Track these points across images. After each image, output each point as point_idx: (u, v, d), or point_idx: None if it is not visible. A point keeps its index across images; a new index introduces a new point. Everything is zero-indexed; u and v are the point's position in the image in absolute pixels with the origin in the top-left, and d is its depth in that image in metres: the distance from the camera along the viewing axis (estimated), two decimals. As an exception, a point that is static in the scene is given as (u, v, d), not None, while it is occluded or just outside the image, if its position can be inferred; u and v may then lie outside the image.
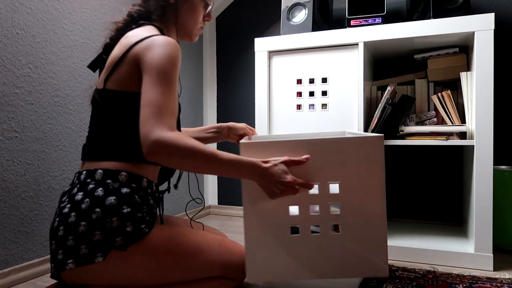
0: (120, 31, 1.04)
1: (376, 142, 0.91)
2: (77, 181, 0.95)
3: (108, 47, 1.05)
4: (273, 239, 0.95)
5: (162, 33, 1.02)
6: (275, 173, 0.88)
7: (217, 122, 2.35)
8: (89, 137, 1.00)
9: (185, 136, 0.85)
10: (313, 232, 0.96)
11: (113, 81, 0.96)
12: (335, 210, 0.95)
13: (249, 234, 0.96)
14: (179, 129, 1.10)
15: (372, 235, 0.94)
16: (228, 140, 1.37)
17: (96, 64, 1.09)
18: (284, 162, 0.90)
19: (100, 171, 0.93)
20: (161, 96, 0.87)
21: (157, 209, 1.08)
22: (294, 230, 0.96)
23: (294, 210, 0.95)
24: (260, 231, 0.95)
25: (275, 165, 0.89)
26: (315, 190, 0.94)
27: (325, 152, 0.92)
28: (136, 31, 0.98)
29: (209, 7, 1.12)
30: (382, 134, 0.91)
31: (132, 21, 1.05)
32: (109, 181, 0.92)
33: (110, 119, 0.96)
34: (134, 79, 0.94)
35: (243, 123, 1.38)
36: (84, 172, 0.95)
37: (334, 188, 0.93)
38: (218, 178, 2.37)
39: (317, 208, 0.95)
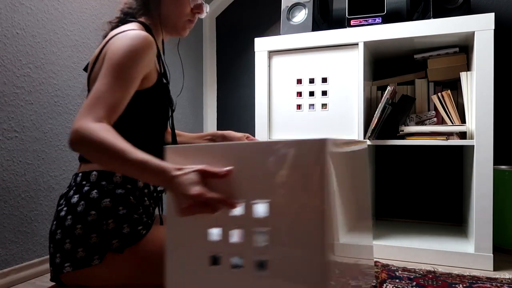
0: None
1: (318, 148, 0.62)
2: (73, 183, 0.95)
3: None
4: (191, 267, 0.73)
5: (147, 29, 0.99)
6: (181, 183, 0.68)
7: (217, 122, 2.35)
8: None
9: (106, 129, 0.76)
10: (235, 266, 0.70)
11: (92, 80, 0.95)
12: (263, 239, 0.68)
13: (169, 256, 0.76)
14: (173, 129, 1.08)
15: (310, 277, 0.63)
16: None
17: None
18: (198, 171, 0.69)
19: (94, 172, 0.93)
20: (104, 87, 0.82)
21: (157, 209, 1.08)
22: (215, 260, 0.73)
23: (216, 233, 0.72)
24: (179, 255, 0.74)
25: (186, 173, 0.69)
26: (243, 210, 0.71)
27: (254, 161, 0.68)
28: (118, 29, 0.96)
29: None
30: (327, 138, 0.63)
31: (121, 21, 1.03)
32: (103, 182, 0.92)
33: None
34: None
35: (242, 133, 1.25)
36: (80, 174, 0.95)
37: (262, 209, 0.68)
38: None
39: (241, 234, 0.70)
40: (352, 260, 0.75)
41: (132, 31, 0.89)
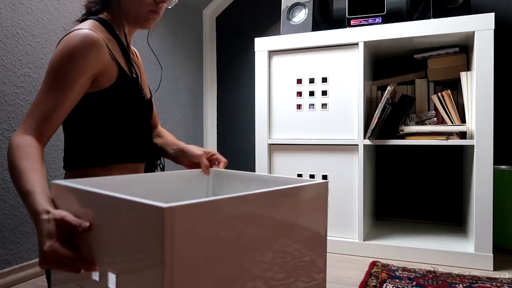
0: None
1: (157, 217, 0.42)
2: None
3: None
4: None
5: (106, 25, 0.94)
6: (40, 233, 0.60)
7: (217, 122, 2.36)
8: (65, 149, 0.97)
9: (25, 145, 0.74)
10: None
11: None
12: None
13: None
14: (147, 127, 1.02)
15: None
16: (183, 165, 1.03)
17: None
18: (57, 220, 0.58)
19: None
20: (40, 95, 0.81)
21: None
22: None
23: None
24: None
25: (48, 220, 0.59)
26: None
27: (109, 217, 0.50)
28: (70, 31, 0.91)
29: None
30: (173, 206, 0.42)
31: (86, 15, 0.97)
32: None
33: (68, 126, 0.93)
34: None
35: (207, 150, 0.99)
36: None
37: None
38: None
39: None
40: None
41: (74, 32, 0.85)
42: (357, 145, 1.53)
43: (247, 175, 0.81)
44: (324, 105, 1.59)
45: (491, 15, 1.33)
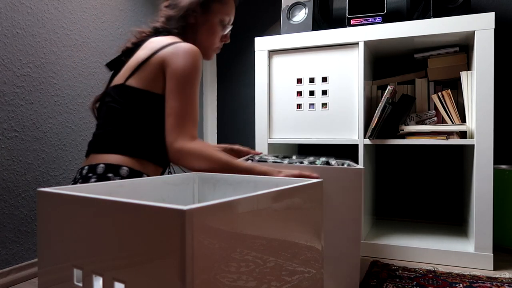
0: (144, 39, 1.10)
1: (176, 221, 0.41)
2: (79, 176, 0.96)
3: (129, 51, 1.10)
4: None
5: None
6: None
7: (217, 122, 2.36)
8: (97, 132, 1.02)
9: (204, 145, 0.95)
10: None
11: (135, 79, 1.00)
12: None
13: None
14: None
15: None
16: None
17: (114, 65, 1.13)
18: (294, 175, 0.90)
19: (102, 165, 0.94)
20: (185, 105, 0.95)
21: None
22: None
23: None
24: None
25: (285, 175, 0.90)
26: None
27: (124, 224, 0.48)
28: (161, 38, 1.05)
29: (227, 30, 1.20)
30: (194, 207, 0.42)
31: (156, 33, 1.12)
32: (110, 175, 0.93)
33: (125, 114, 0.99)
34: (157, 81, 1.00)
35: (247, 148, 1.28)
36: (86, 167, 0.96)
37: None
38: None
39: None
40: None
41: (187, 45, 1.00)
42: (357, 144, 1.53)
43: (236, 178, 0.81)
44: (324, 105, 1.59)
45: (491, 15, 1.33)
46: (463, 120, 1.51)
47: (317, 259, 0.68)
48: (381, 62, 1.90)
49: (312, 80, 1.61)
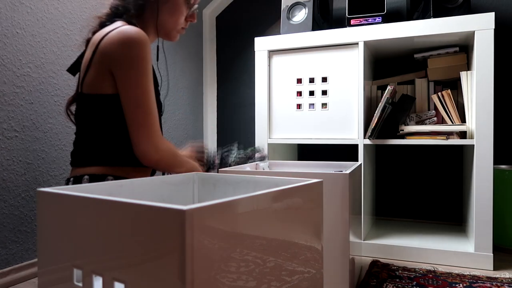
0: (102, 26, 1.00)
1: (176, 221, 0.42)
2: None
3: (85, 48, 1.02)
4: None
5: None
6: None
7: (217, 122, 2.35)
8: (75, 143, 0.99)
9: (171, 145, 0.97)
10: None
11: (87, 85, 0.94)
12: None
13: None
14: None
15: None
16: None
17: (74, 68, 1.06)
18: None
19: (86, 177, 0.92)
20: (145, 100, 0.89)
21: None
22: None
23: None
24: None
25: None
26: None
27: (125, 224, 0.49)
28: (104, 29, 0.95)
29: (193, 8, 1.08)
30: (194, 207, 0.42)
31: (112, 16, 1.01)
32: None
33: (91, 123, 0.95)
34: (104, 80, 0.91)
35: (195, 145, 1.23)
36: (71, 178, 0.95)
37: None
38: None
39: None
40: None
41: (122, 32, 0.89)
42: (357, 144, 1.53)
43: (235, 177, 0.80)
44: (324, 105, 1.59)
45: (491, 15, 1.33)
46: (463, 120, 1.51)
47: (317, 259, 0.68)
48: (381, 62, 1.90)
49: (312, 80, 1.61)
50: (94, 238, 0.50)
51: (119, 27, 0.91)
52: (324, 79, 1.58)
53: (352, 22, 1.59)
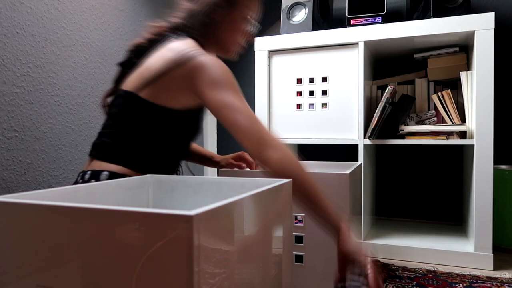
0: (159, 37, 1.01)
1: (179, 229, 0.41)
2: (81, 181, 0.94)
3: (141, 50, 1.02)
4: None
5: (202, 47, 1.00)
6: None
7: (217, 121, 2.35)
8: (104, 136, 0.98)
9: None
10: None
11: (150, 92, 0.94)
12: None
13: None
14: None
15: None
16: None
17: (126, 65, 1.06)
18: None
19: (105, 172, 0.92)
20: (242, 106, 0.88)
21: None
22: None
23: None
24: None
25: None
26: None
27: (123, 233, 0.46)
28: (179, 44, 0.95)
29: (252, 26, 1.11)
30: (194, 214, 0.40)
31: (173, 30, 1.02)
32: None
33: (134, 126, 0.95)
34: (178, 96, 0.94)
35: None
36: (89, 172, 0.93)
37: None
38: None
39: None
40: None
41: (213, 57, 0.93)
42: (357, 144, 1.53)
43: (197, 179, 0.77)
44: (324, 105, 1.59)
45: (491, 15, 1.33)
46: (463, 120, 1.51)
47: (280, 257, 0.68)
48: (381, 62, 1.90)
49: (312, 80, 1.61)
50: (77, 250, 0.44)
51: (204, 54, 0.92)
52: (324, 79, 1.58)
53: (352, 22, 1.59)
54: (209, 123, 2.34)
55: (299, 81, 1.63)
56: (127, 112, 0.96)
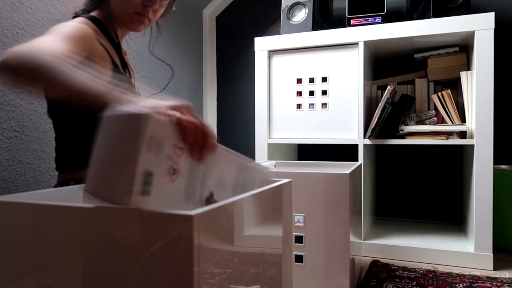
0: None
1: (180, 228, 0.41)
2: None
3: None
4: None
5: (97, 22, 0.95)
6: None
7: (217, 121, 2.36)
8: (56, 149, 0.98)
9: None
10: None
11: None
12: None
13: None
14: None
15: None
16: None
17: None
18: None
19: (72, 182, 0.91)
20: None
21: None
22: None
23: None
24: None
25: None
26: None
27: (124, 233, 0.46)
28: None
29: None
30: (194, 214, 0.40)
31: (82, 12, 0.99)
32: None
33: (64, 126, 0.94)
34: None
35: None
36: (58, 185, 0.95)
37: None
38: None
39: None
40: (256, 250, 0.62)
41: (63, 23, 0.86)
42: (357, 144, 1.53)
43: None
44: (324, 105, 1.59)
45: (491, 15, 1.33)
46: (463, 120, 1.51)
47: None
48: (381, 62, 1.90)
49: (312, 80, 1.61)
50: (77, 250, 0.44)
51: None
52: (324, 79, 1.58)
53: (352, 22, 1.59)
54: (209, 122, 2.34)
55: (299, 81, 1.63)
56: (52, 117, 0.94)
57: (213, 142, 0.51)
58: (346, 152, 1.94)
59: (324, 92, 1.58)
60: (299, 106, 1.63)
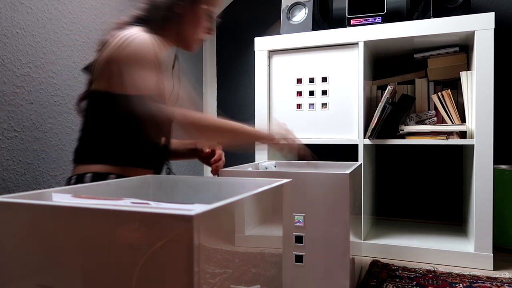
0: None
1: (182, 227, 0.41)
2: None
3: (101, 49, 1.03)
4: None
5: (162, 40, 1.02)
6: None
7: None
8: (81, 139, 1.00)
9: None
10: None
11: (100, 82, 0.95)
12: None
13: None
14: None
15: None
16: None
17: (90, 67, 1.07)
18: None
19: (89, 175, 0.93)
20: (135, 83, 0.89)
21: None
22: None
23: None
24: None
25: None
26: None
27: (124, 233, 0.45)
28: (125, 31, 0.96)
29: (213, 22, 1.12)
30: (194, 214, 0.40)
31: (135, 23, 1.04)
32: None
33: (103, 120, 0.96)
34: (118, 80, 0.92)
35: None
36: (74, 177, 0.95)
37: None
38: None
39: None
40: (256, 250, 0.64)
41: (137, 36, 0.92)
42: (357, 144, 1.53)
43: (197, 179, 0.78)
44: (324, 105, 1.59)
45: (491, 15, 1.33)
46: (463, 120, 1.51)
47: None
48: (381, 62, 1.90)
49: (312, 80, 1.61)
50: (77, 250, 0.44)
51: (135, 34, 0.93)
52: (324, 79, 1.58)
53: (352, 22, 1.59)
54: (209, 123, 2.34)
55: (299, 81, 1.63)
56: (93, 109, 0.98)
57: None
58: (346, 152, 1.94)
59: (324, 92, 1.58)
60: (299, 106, 1.63)
